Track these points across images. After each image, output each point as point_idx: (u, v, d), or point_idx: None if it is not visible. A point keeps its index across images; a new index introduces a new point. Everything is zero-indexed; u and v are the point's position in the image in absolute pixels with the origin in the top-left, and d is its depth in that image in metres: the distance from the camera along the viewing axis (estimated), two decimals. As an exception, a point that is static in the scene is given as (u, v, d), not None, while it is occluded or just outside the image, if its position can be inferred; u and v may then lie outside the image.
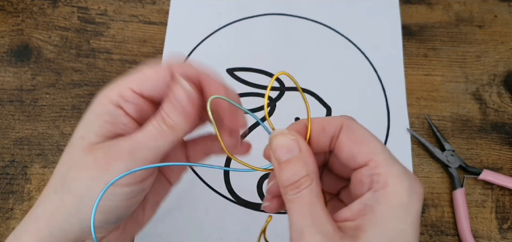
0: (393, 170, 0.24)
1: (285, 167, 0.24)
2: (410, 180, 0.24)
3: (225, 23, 0.55)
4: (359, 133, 0.26)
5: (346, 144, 0.25)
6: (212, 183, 0.47)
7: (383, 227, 0.23)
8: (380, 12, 0.56)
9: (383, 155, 0.24)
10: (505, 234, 0.46)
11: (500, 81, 0.53)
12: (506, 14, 0.57)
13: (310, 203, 0.24)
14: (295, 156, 0.24)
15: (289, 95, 0.51)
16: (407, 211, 0.23)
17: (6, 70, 0.52)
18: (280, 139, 0.25)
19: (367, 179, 0.24)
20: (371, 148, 0.25)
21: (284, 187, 0.24)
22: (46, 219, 0.27)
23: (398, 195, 0.23)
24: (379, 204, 0.23)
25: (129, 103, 0.28)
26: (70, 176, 0.27)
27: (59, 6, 0.55)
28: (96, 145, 0.27)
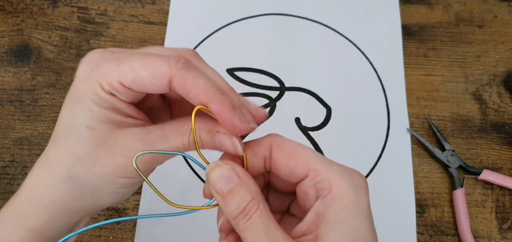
0: (333, 172, 0.24)
1: (229, 198, 0.24)
2: (352, 176, 0.24)
3: (225, 23, 0.55)
4: (289, 147, 0.26)
5: (281, 162, 0.26)
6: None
7: (339, 229, 0.23)
8: (380, 12, 0.56)
9: (319, 161, 0.25)
10: (505, 234, 0.46)
11: (500, 81, 0.53)
12: (506, 14, 0.57)
13: (264, 226, 0.23)
14: (235, 184, 0.24)
15: (289, 95, 0.51)
16: (358, 207, 0.23)
17: (6, 70, 0.52)
18: (216, 171, 0.25)
19: (311, 189, 0.25)
20: (306, 158, 0.25)
21: (234, 218, 0.24)
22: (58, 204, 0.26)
23: (345, 195, 0.24)
24: (330, 208, 0.23)
25: (120, 93, 0.26)
26: (80, 170, 0.26)
27: (59, 6, 0.55)
28: (109, 137, 0.26)
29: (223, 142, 0.25)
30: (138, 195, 0.46)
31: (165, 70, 0.24)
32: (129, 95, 0.26)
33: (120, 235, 0.45)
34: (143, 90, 0.26)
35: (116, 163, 0.25)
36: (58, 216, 0.27)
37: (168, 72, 0.24)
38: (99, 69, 0.26)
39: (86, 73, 0.26)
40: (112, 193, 0.27)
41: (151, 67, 0.25)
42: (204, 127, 0.26)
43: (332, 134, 0.49)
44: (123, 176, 0.26)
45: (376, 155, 0.49)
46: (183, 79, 0.24)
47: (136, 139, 0.26)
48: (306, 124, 0.50)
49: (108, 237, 0.45)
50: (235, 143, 0.25)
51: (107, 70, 0.25)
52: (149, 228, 0.45)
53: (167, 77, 0.24)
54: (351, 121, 0.50)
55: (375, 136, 0.50)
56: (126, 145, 0.26)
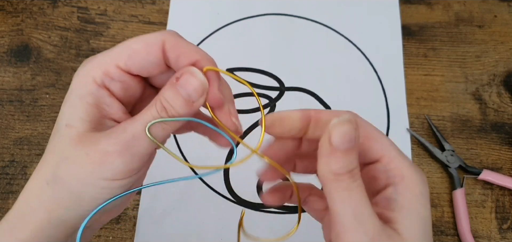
0: (405, 163, 0.25)
1: (342, 155, 0.23)
2: (419, 171, 0.25)
3: (225, 23, 0.55)
4: (368, 129, 0.26)
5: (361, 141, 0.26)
6: (212, 183, 0.47)
7: (413, 216, 0.24)
8: (380, 12, 0.56)
9: (394, 150, 0.25)
10: (504, 234, 0.46)
11: (499, 81, 0.53)
12: (506, 14, 0.57)
13: (363, 191, 0.24)
14: (353, 146, 0.23)
15: (288, 95, 0.51)
16: (426, 199, 0.25)
17: (6, 70, 0.52)
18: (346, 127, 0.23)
19: (382, 174, 0.25)
20: (382, 144, 0.26)
21: (337, 175, 0.23)
22: (44, 209, 0.26)
23: (417, 185, 0.24)
24: (402, 196, 0.24)
25: (114, 82, 0.26)
26: (62, 170, 0.25)
27: (59, 6, 0.55)
28: (85, 136, 0.25)
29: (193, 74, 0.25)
30: (138, 195, 0.46)
31: (158, 37, 0.25)
32: (122, 85, 0.26)
33: (120, 235, 0.45)
34: (139, 66, 0.25)
35: (91, 160, 0.24)
36: (45, 224, 0.26)
37: (161, 38, 0.25)
38: (93, 61, 0.26)
39: (79, 70, 0.26)
40: (94, 200, 0.25)
41: (144, 38, 0.25)
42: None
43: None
44: (101, 177, 0.24)
45: (376, 155, 0.49)
46: (175, 40, 0.25)
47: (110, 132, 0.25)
48: (306, 124, 0.50)
49: (108, 237, 0.45)
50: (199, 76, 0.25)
51: (102, 58, 0.26)
52: (149, 228, 0.45)
53: (160, 42, 0.25)
54: (351, 121, 0.50)
55: (375, 136, 0.50)
56: (99, 140, 0.25)
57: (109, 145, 0.24)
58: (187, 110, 0.25)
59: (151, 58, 0.25)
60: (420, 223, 0.24)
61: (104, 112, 0.26)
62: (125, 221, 0.45)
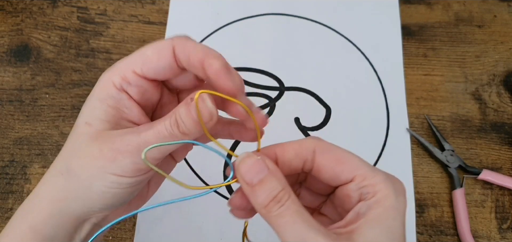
0: (378, 178, 0.25)
1: (259, 188, 0.24)
2: (394, 183, 0.26)
3: (225, 23, 0.55)
4: (336, 153, 0.27)
5: (326, 166, 0.26)
6: (211, 183, 0.47)
7: (378, 226, 0.24)
8: (380, 12, 0.56)
9: (365, 167, 0.26)
10: (504, 234, 0.46)
11: (499, 81, 0.53)
12: (506, 14, 0.57)
13: (298, 212, 0.24)
14: (266, 175, 0.25)
15: (288, 95, 0.51)
16: (397, 211, 0.25)
17: (6, 70, 0.52)
18: (246, 161, 0.25)
19: (355, 193, 0.26)
20: (353, 164, 0.26)
21: (264, 207, 0.24)
22: (54, 198, 0.27)
23: (388, 199, 0.25)
24: (372, 209, 0.25)
25: (132, 86, 0.27)
26: (76, 163, 0.27)
27: (59, 6, 0.55)
28: (102, 134, 0.27)
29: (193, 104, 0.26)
30: (138, 195, 0.46)
31: (168, 43, 0.27)
32: (139, 90, 0.27)
33: (120, 235, 0.45)
34: (153, 71, 0.27)
35: (104, 156, 0.26)
36: (55, 213, 0.27)
37: (171, 43, 0.27)
38: (114, 67, 0.28)
39: (101, 77, 0.28)
40: (103, 193, 0.27)
41: (155, 45, 0.27)
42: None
43: (332, 134, 0.49)
44: (111, 172, 0.26)
45: (375, 154, 0.49)
46: (183, 44, 0.27)
47: (125, 132, 0.27)
48: (305, 124, 0.50)
49: (107, 237, 0.45)
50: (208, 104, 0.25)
51: (121, 64, 0.27)
52: (149, 228, 0.45)
53: (170, 47, 0.27)
54: (351, 121, 0.50)
55: (374, 136, 0.50)
56: (115, 138, 0.26)
57: (122, 145, 0.26)
58: (198, 130, 0.26)
59: (162, 63, 0.27)
60: (386, 233, 0.24)
61: (123, 114, 0.28)
62: (125, 221, 0.45)
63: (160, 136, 0.26)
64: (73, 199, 0.27)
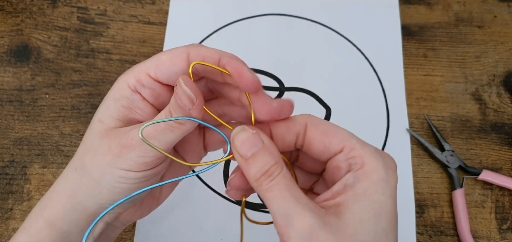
0: (367, 150, 0.25)
1: (252, 161, 0.25)
2: (384, 158, 0.26)
3: (225, 23, 0.55)
4: (325, 126, 0.27)
5: (316, 138, 0.27)
6: (211, 183, 0.47)
7: (365, 201, 0.24)
8: (380, 12, 0.56)
9: (354, 139, 0.26)
10: (504, 234, 0.46)
11: (499, 81, 0.53)
12: (506, 14, 0.57)
13: (288, 187, 0.24)
14: (260, 149, 0.25)
15: (288, 95, 0.51)
16: (386, 184, 0.25)
17: (6, 71, 0.52)
18: (241, 135, 0.26)
19: (344, 163, 0.26)
20: (342, 136, 0.26)
21: (256, 180, 0.25)
22: (69, 193, 0.29)
23: (376, 172, 0.25)
24: (359, 181, 0.24)
25: (146, 88, 0.28)
26: (88, 159, 0.29)
27: (59, 6, 0.55)
28: (112, 130, 0.28)
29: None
30: (138, 195, 0.46)
31: (182, 49, 0.28)
32: (153, 92, 0.28)
33: (120, 235, 0.45)
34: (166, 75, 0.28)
35: (112, 151, 0.27)
36: (68, 208, 0.29)
37: (185, 50, 0.28)
38: (130, 70, 0.29)
39: (118, 79, 0.29)
40: (112, 188, 0.28)
41: (171, 51, 0.28)
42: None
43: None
44: (119, 167, 0.27)
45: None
46: (198, 49, 0.28)
47: (131, 128, 0.28)
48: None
49: (107, 237, 0.45)
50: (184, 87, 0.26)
51: (136, 67, 0.29)
52: (149, 228, 0.45)
53: (185, 54, 0.27)
54: (351, 121, 0.50)
55: (374, 136, 0.50)
56: (122, 134, 0.28)
57: (127, 140, 0.27)
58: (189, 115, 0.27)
59: (175, 69, 0.28)
60: (372, 208, 0.24)
61: (135, 114, 0.29)
62: (125, 221, 0.45)
63: (159, 128, 0.27)
64: (85, 194, 0.28)
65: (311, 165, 0.29)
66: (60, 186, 0.30)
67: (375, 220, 0.24)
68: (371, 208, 0.24)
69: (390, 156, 0.26)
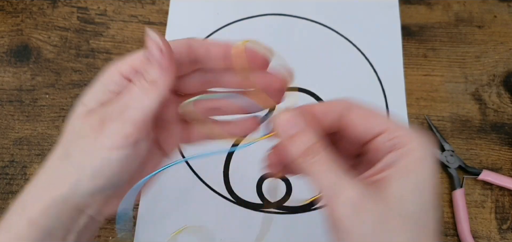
0: (406, 132, 0.26)
1: (296, 139, 0.26)
2: (423, 138, 0.26)
3: (225, 23, 0.55)
4: (367, 109, 0.28)
5: (357, 121, 0.27)
6: (211, 183, 0.47)
7: (408, 176, 0.25)
8: (380, 12, 0.56)
9: (393, 123, 0.27)
10: (504, 234, 0.46)
11: (499, 81, 0.53)
12: (506, 14, 0.57)
13: (332, 160, 0.25)
14: (303, 127, 0.26)
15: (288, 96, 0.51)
16: (428, 162, 0.25)
17: (6, 71, 0.52)
18: (285, 115, 0.27)
19: (385, 144, 0.26)
20: (381, 119, 0.27)
21: (300, 156, 0.26)
22: (49, 186, 0.27)
23: (417, 150, 0.25)
24: (401, 159, 0.25)
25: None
26: (71, 145, 0.27)
27: (59, 6, 0.55)
28: (93, 110, 0.27)
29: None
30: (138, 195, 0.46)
31: (183, 40, 0.28)
32: None
33: (120, 235, 0.45)
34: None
35: (94, 129, 0.26)
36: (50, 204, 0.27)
37: (187, 41, 0.28)
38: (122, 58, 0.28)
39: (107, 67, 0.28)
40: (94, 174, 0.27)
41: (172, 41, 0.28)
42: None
43: (332, 134, 0.49)
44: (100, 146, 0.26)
45: (375, 155, 0.49)
46: (198, 41, 0.28)
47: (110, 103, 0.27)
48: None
49: (107, 238, 0.45)
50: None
51: (131, 55, 0.28)
52: (149, 228, 0.45)
53: (185, 45, 0.28)
54: (351, 121, 0.50)
55: (374, 136, 0.50)
56: (101, 110, 0.27)
57: (106, 114, 0.27)
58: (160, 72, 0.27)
59: (176, 57, 0.28)
60: (415, 183, 0.25)
61: None
62: (125, 221, 0.45)
63: (134, 95, 0.27)
64: (67, 185, 0.27)
65: (348, 148, 0.30)
66: (41, 181, 0.28)
67: (419, 194, 0.25)
68: (414, 182, 0.25)
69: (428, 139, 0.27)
